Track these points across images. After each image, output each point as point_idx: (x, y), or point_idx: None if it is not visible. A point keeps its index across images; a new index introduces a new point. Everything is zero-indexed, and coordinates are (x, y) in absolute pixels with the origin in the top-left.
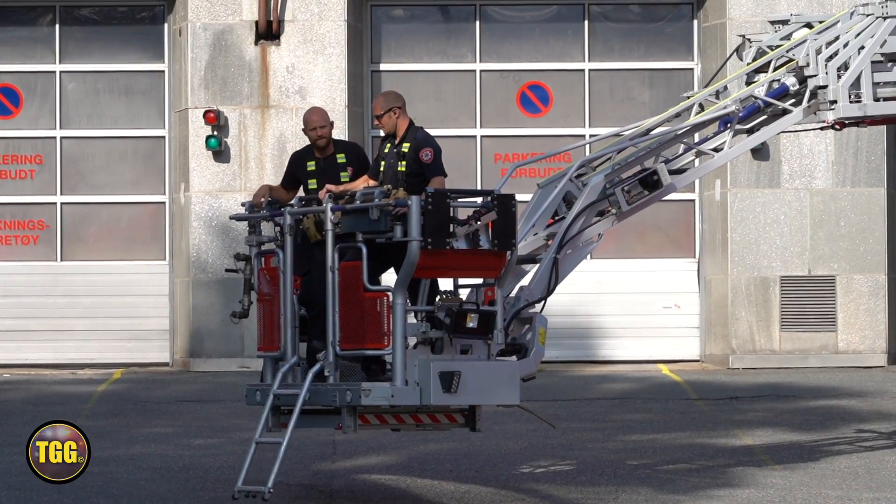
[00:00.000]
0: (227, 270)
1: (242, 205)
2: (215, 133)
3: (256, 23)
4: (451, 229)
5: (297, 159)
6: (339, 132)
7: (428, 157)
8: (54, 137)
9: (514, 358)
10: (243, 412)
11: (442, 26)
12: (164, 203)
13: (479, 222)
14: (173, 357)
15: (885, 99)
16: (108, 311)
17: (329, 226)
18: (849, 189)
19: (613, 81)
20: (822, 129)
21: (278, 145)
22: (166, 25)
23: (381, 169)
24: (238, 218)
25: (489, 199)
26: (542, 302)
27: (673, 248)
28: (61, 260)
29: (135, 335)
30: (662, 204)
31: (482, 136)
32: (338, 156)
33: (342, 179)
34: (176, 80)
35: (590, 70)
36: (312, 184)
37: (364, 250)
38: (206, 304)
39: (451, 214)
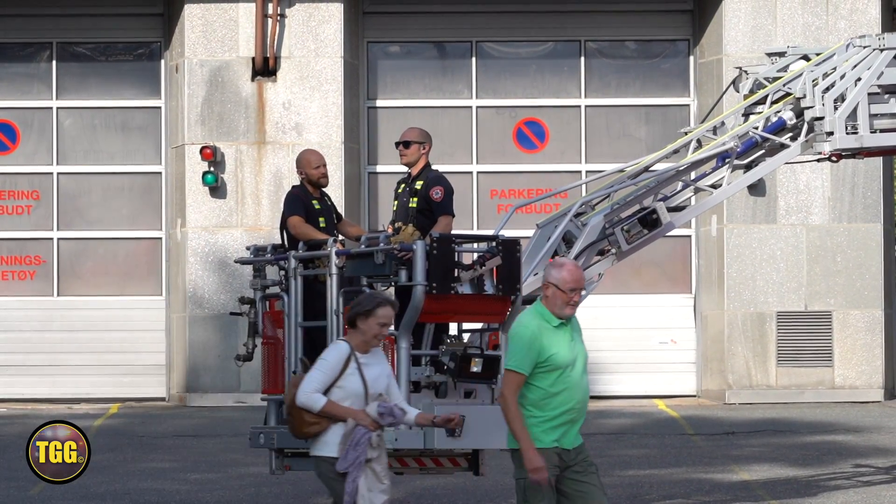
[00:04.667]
0: (231, 314)
1: (248, 248)
2: (212, 169)
3: (253, 59)
4: (456, 274)
5: (306, 196)
6: (336, 168)
7: (438, 196)
8: (51, 173)
9: None
10: (240, 447)
11: (438, 63)
12: (160, 239)
13: (483, 267)
14: (170, 392)
15: (882, 130)
16: (105, 346)
17: (334, 269)
18: (845, 225)
19: (610, 117)
20: (818, 160)
21: (275, 181)
22: (163, 62)
23: (394, 208)
24: (243, 262)
25: (494, 243)
26: None
27: (669, 283)
28: (58, 295)
29: (131, 370)
30: (659, 240)
31: (478, 172)
32: (325, 197)
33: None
34: (172, 116)
35: (586, 106)
36: (322, 222)
37: None
38: (202, 340)
39: (456, 258)
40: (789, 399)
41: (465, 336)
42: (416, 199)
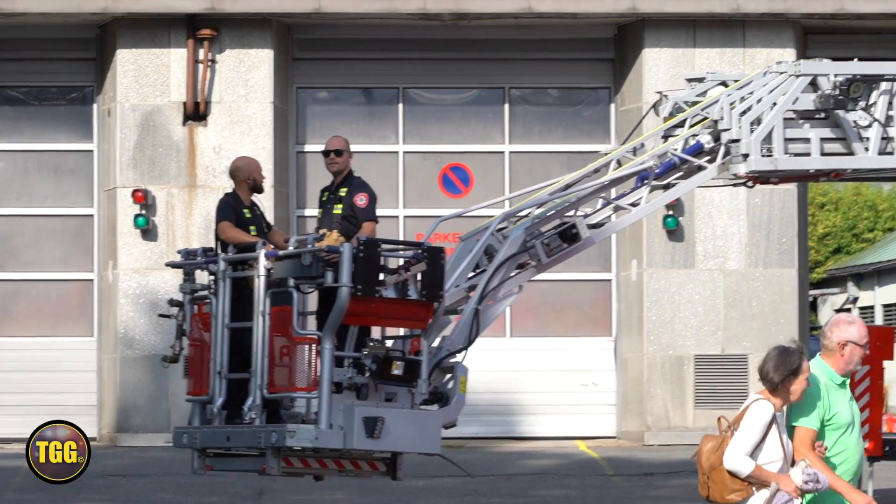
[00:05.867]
0: (160, 315)
1: (178, 252)
2: (143, 212)
3: (184, 104)
4: (381, 277)
5: (238, 204)
6: (266, 211)
7: (363, 202)
8: None
9: (435, 406)
10: (170, 486)
11: (366, 108)
12: (92, 280)
13: (408, 272)
14: (100, 432)
15: (796, 154)
16: (37, 387)
17: (262, 272)
18: (761, 270)
19: (533, 163)
20: (735, 185)
21: (205, 224)
22: (95, 106)
23: (319, 216)
24: (174, 265)
25: (419, 250)
26: (464, 352)
27: (590, 326)
28: None
29: (63, 410)
30: (580, 284)
31: (405, 217)
32: (255, 206)
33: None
34: (105, 160)
35: (510, 152)
36: (253, 230)
37: (295, 295)
38: (133, 381)
39: (382, 263)
40: None
41: (389, 343)
42: (340, 206)
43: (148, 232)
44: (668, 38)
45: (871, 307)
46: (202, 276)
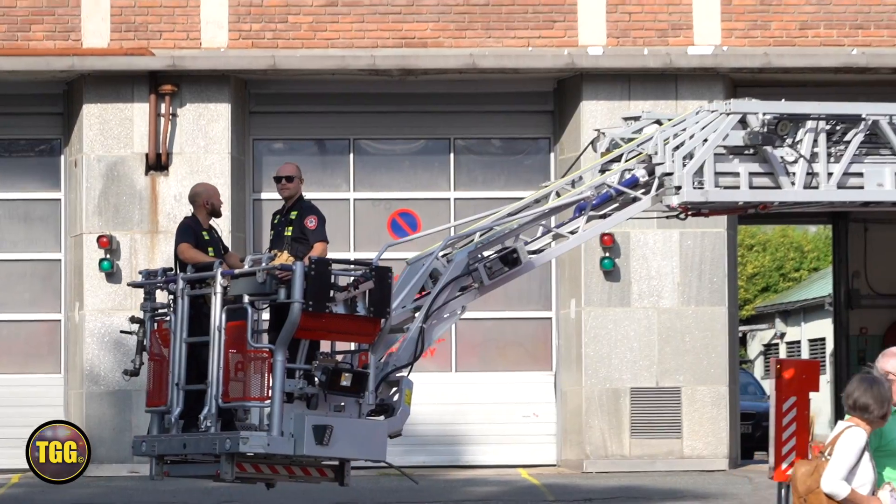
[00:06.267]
0: (122, 332)
1: (140, 272)
2: (108, 256)
3: (147, 155)
4: (332, 294)
5: (197, 227)
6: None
7: (313, 224)
8: None
9: (382, 417)
10: None
11: (318, 158)
12: (59, 321)
13: (357, 289)
14: None
15: (726, 187)
16: (7, 421)
17: (218, 289)
18: (693, 308)
19: (477, 209)
20: (668, 216)
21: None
22: (63, 157)
23: (271, 237)
24: (135, 285)
25: (368, 269)
26: (409, 367)
27: (532, 362)
28: None
29: None
30: (522, 321)
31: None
32: (214, 230)
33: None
34: (71, 208)
35: (455, 199)
36: (211, 252)
37: (249, 311)
38: (98, 414)
39: (332, 281)
40: (642, 468)
41: (339, 357)
42: (291, 228)
43: (112, 275)
44: (605, 91)
45: (798, 342)
46: (162, 296)
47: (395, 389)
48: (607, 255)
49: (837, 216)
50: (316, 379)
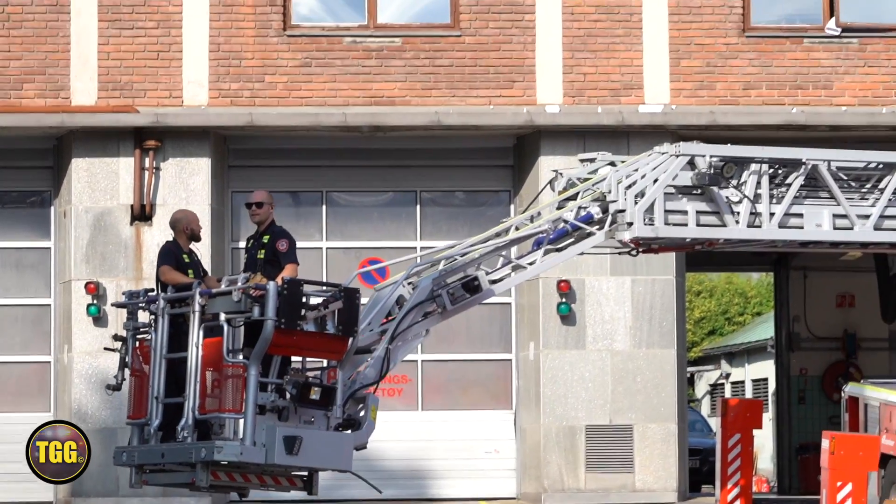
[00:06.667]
0: (105, 349)
1: (123, 293)
2: (95, 301)
3: (132, 206)
4: (303, 313)
5: (178, 250)
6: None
7: (284, 247)
8: None
9: (349, 431)
10: None
11: (293, 210)
12: (49, 362)
13: (327, 309)
14: (57, 496)
15: (675, 224)
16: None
17: (197, 308)
18: (644, 350)
19: None
20: (619, 253)
21: None
22: (53, 208)
23: (245, 261)
24: (119, 305)
25: (337, 290)
26: (376, 385)
27: (493, 401)
28: None
29: (23, 477)
30: (483, 363)
31: None
32: (193, 253)
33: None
34: (61, 256)
35: (421, 247)
36: (191, 274)
37: (226, 328)
38: None
39: (304, 300)
40: (597, 501)
41: (309, 373)
42: (263, 251)
43: (99, 319)
44: (562, 146)
45: (742, 382)
46: (144, 316)
47: (361, 406)
48: (564, 300)
49: (779, 264)
50: (287, 392)
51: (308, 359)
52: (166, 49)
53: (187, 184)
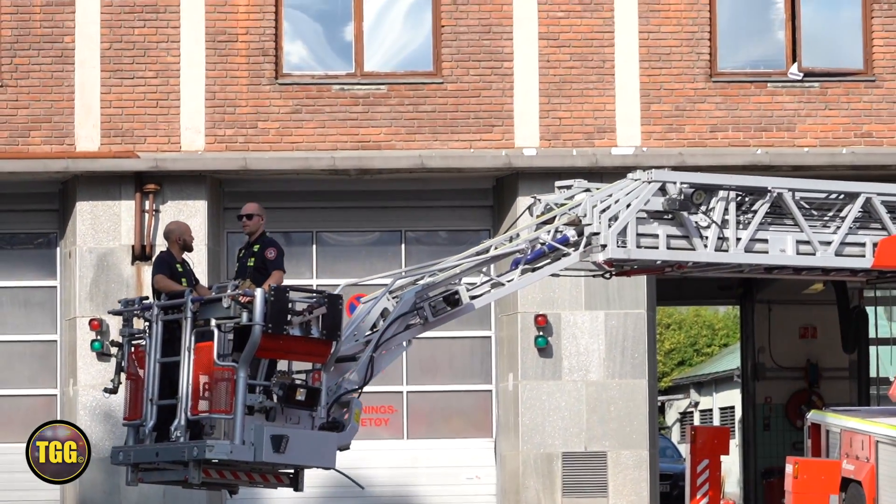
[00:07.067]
0: (102, 354)
1: (119, 301)
2: (98, 337)
3: (133, 247)
4: (289, 318)
5: (171, 260)
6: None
7: (272, 255)
8: None
9: (334, 432)
10: None
11: (285, 249)
12: (56, 395)
13: (311, 314)
14: None
15: (647, 247)
16: (10, 486)
17: (189, 314)
18: (617, 381)
19: None
20: (594, 275)
21: None
22: (58, 249)
23: (236, 268)
24: (115, 312)
25: (321, 296)
26: (359, 390)
27: (474, 430)
28: None
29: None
30: (464, 393)
31: None
32: (186, 263)
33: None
34: (66, 294)
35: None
36: (184, 282)
37: (216, 333)
38: (90, 478)
39: (290, 306)
40: None
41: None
42: (253, 259)
43: (103, 354)
44: (538, 187)
45: (710, 410)
46: (139, 324)
47: (345, 409)
48: (541, 333)
49: (744, 297)
50: (274, 394)
51: (294, 362)
52: (165, 97)
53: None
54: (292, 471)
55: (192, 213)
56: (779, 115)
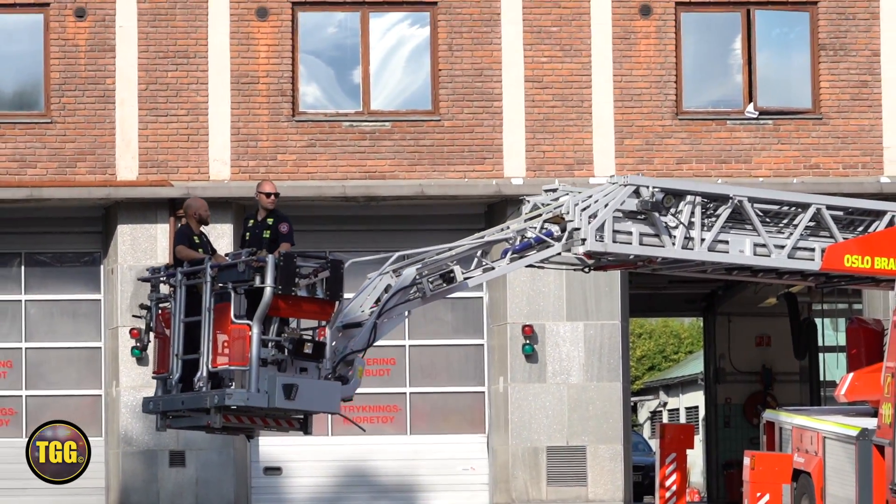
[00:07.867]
0: (133, 316)
1: (147, 269)
2: (137, 344)
3: (167, 265)
4: (297, 281)
5: (190, 232)
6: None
7: (285, 229)
8: (20, 348)
9: (339, 383)
10: None
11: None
12: (100, 395)
13: (316, 277)
14: None
15: (622, 242)
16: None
17: (208, 279)
18: (595, 383)
19: (425, 308)
20: (575, 269)
21: None
22: (102, 266)
23: (247, 238)
24: (144, 279)
25: (325, 261)
26: (363, 352)
27: (469, 426)
28: (26, 437)
29: (81, 490)
30: (460, 395)
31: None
32: (204, 235)
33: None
34: (109, 306)
35: None
36: (202, 252)
37: (233, 295)
38: (131, 468)
39: (297, 270)
40: None
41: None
42: (269, 232)
43: (141, 359)
44: None
45: (677, 409)
46: (165, 289)
47: (350, 367)
48: (528, 342)
49: (707, 310)
50: (285, 348)
51: (301, 320)
52: (195, 133)
53: (215, 245)
54: (302, 416)
55: (220, 236)
56: (737, 149)
